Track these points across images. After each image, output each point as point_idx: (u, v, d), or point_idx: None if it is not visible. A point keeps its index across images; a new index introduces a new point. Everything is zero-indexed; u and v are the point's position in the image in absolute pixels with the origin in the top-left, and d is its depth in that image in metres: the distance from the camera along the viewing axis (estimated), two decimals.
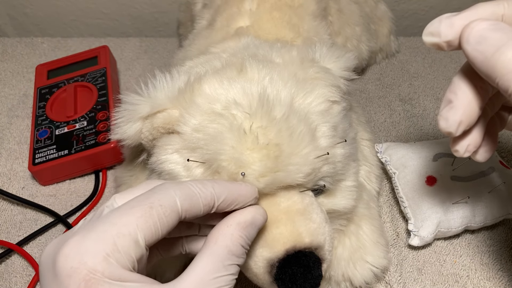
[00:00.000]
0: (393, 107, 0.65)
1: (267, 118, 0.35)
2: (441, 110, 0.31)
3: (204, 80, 0.38)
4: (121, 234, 0.27)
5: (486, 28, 0.28)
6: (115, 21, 0.84)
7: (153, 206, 0.28)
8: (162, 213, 0.28)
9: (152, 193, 0.29)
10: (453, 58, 0.72)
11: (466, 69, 0.31)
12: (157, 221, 0.28)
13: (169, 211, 0.28)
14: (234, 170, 0.34)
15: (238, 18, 0.51)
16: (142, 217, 0.27)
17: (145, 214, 0.28)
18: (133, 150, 0.43)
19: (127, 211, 0.28)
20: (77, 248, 0.26)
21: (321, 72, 0.39)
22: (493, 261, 0.47)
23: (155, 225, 0.28)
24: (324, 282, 0.43)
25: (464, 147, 0.33)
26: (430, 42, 0.32)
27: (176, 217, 0.29)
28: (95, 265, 0.25)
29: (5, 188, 0.57)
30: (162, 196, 0.29)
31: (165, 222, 0.28)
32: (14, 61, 0.74)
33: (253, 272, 0.36)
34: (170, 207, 0.29)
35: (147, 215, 0.28)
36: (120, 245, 0.26)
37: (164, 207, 0.28)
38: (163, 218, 0.28)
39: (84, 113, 0.59)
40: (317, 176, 0.36)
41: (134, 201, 0.29)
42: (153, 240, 0.28)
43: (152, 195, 0.29)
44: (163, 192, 0.29)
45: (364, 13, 0.65)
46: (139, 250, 0.27)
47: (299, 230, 0.35)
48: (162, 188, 0.30)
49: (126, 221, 0.27)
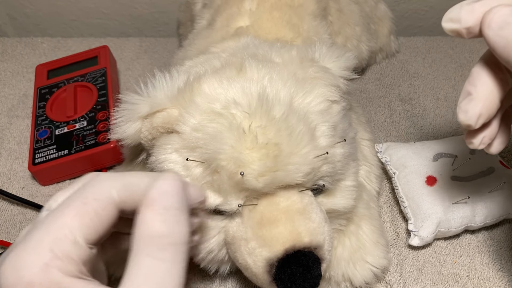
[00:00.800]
0: (393, 107, 0.65)
1: (267, 117, 0.35)
2: (460, 102, 0.31)
3: (203, 79, 0.38)
4: (57, 239, 0.25)
5: (509, 13, 0.28)
6: (115, 21, 0.84)
7: (87, 202, 0.26)
8: (98, 207, 0.26)
9: (87, 187, 0.27)
10: (453, 58, 0.72)
11: (486, 60, 0.30)
12: (93, 216, 0.26)
13: (105, 204, 0.27)
14: (233, 169, 0.34)
15: (238, 18, 0.51)
16: (77, 216, 0.26)
17: (79, 212, 0.26)
18: (132, 149, 0.43)
19: (61, 212, 0.26)
20: (14, 263, 0.24)
21: (320, 71, 0.39)
22: (493, 261, 0.47)
23: (93, 222, 0.26)
24: (324, 282, 0.43)
25: (479, 140, 0.32)
26: (450, 28, 0.31)
27: (114, 209, 0.27)
28: (32, 279, 0.24)
29: (5, 188, 0.56)
30: (97, 189, 0.27)
31: (103, 217, 0.27)
32: (14, 61, 0.74)
33: (252, 271, 0.36)
34: (106, 199, 0.27)
35: (82, 213, 0.26)
36: (58, 251, 0.25)
37: (99, 200, 0.27)
38: (100, 213, 0.26)
39: (84, 113, 0.59)
40: (316, 176, 0.36)
41: (68, 200, 0.27)
42: (95, 237, 0.26)
43: (87, 189, 0.27)
44: (98, 185, 0.27)
45: (364, 13, 0.65)
46: (82, 251, 0.26)
47: (298, 230, 0.35)
48: (98, 180, 0.28)
49: (60, 223, 0.25)
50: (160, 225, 0.26)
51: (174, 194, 0.27)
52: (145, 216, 0.26)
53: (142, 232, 0.26)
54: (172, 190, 0.27)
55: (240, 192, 0.35)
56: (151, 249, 0.25)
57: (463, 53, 0.73)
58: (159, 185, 0.27)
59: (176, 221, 0.27)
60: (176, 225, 0.27)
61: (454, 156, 0.49)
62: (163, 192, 0.27)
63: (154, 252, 0.25)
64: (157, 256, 0.25)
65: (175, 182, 0.28)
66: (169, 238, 0.26)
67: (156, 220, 0.26)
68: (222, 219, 0.38)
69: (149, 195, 0.27)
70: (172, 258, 0.26)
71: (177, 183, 0.28)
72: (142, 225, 0.26)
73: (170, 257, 0.26)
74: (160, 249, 0.26)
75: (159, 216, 0.26)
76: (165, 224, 0.26)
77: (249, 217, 0.36)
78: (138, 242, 0.26)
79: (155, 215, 0.26)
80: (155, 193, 0.27)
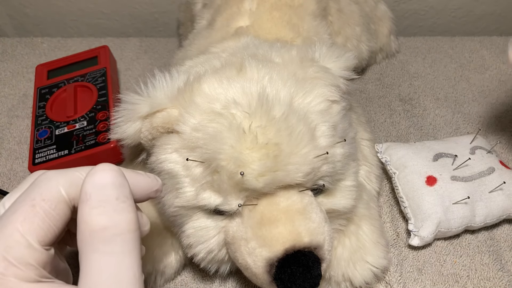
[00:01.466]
0: (393, 107, 0.65)
1: (267, 117, 0.35)
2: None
3: (203, 79, 0.38)
4: (9, 247, 0.24)
5: None
6: (115, 21, 0.84)
7: (35, 203, 0.25)
8: (47, 207, 0.25)
9: (34, 187, 0.26)
10: (453, 58, 0.72)
11: None
12: (44, 217, 0.25)
13: (55, 204, 0.26)
14: (233, 169, 0.34)
15: (238, 17, 0.51)
16: (26, 220, 0.25)
17: (28, 215, 0.25)
18: (132, 149, 0.43)
19: (9, 218, 0.25)
20: None
21: (320, 71, 0.39)
22: (493, 261, 0.47)
23: (45, 223, 0.25)
24: (324, 282, 0.43)
25: None
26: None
27: (65, 207, 0.26)
28: None
29: (5, 188, 0.56)
30: (44, 189, 0.26)
31: (55, 216, 0.26)
32: (14, 61, 0.74)
33: (252, 271, 0.36)
34: (55, 198, 0.26)
35: (31, 216, 0.25)
36: (12, 258, 0.24)
37: (48, 200, 0.26)
38: (51, 213, 0.25)
39: (84, 113, 0.59)
40: (316, 176, 0.36)
41: (16, 203, 0.26)
42: (50, 238, 0.25)
43: (33, 190, 0.26)
44: (44, 184, 0.26)
45: (364, 13, 0.65)
46: (38, 254, 0.25)
47: (298, 230, 0.35)
48: (44, 179, 0.27)
49: (10, 230, 0.24)
50: (99, 219, 0.25)
51: (109, 184, 0.26)
52: (82, 211, 0.25)
53: (83, 229, 0.25)
54: (105, 181, 0.26)
55: (240, 192, 0.35)
56: (96, 244, 0.24)
57: (463, 53, 0.73)
58: (91, 178, 0.26)
59: (117, 210, 0.25)
60: (118, 215, 0.25)
61: (454, 156, 0.49)
62: (96, 184, 0.25)
63: (100, 246, 0.24)
64: (104, 250, 0.24)
65: (109, 172, 0.26)
66: (112, 229, 0.25)
67: (94, 214, 0.25)
68: (222, 219, 0.38)
69: (82, 190, 0.25)
70: (121, 249, 0.25)
71: (111, 172, 0.26)
72: (82, 222, 0.25)
73: (119, 248, 0.24)
74: (105, 243, 0.24)
75: (96, 209, 0.25)
76: (104, 216, 0.25)
77: (249, 217, 0.36)
78: (82, 239, 0.25)
79: (92, 208, 0.25)
80: (88, 187, 0.25)
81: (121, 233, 0.25)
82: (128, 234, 0.25)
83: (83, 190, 0.25)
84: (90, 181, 0.26)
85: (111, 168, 0.26)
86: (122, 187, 0.26)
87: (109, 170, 0.26)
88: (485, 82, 0.68)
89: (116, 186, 0.26)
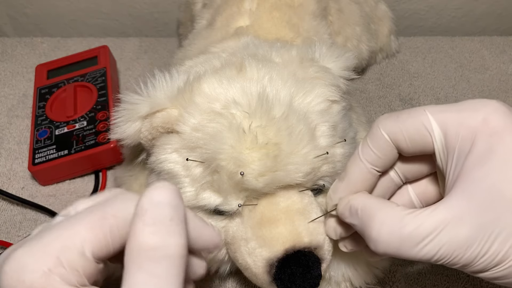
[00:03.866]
0: (393, 107, 0.65)
1: (267, 117, 0.34)
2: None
3: (203, 79, 0.37)
4: (66, 247, 0.24)
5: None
6: (115, 21, 0.84)
7: (106, 217, 0.25)
8: (115, 225, 0.26)
9: (110, 203, 0.27)
10: (453, 58, 0.72)
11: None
12: (108, 233, 0.25)
13: (122, 224, 0.26)
14: (233, 169, 0.34)
15: (238, 17, 0.51)
16: (92, 229, 0.25)
17: (95, 225, 0.25)
18: (132, 149, 0.43)
19: (78, 221, 0.25)
20: (17, 264, 0.24)
21: (320, 71, 0.39)
22: None
23: (106, 238, 0.25)
24: (324, 282, 0.43)
25: None
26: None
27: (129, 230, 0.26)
28: (32, 283, 0.23)
29: (5, 188, 0.56)
30: (119, 207, 0.26)
31: (117, 235, 0.26)
32: (14, 61, 0.74)
33: (252, 272, 0.36)
34: (125, 219, 0.26)
35: (98, 226, 0.25)
36: (64, 259, 0.24)
37: (118, 218, 0.26)
38: (115, 231, 0.26)
39: (84, 113, 0.59)
40: (316, 176, 0.36)
41: (88, 210, 0.26)
42: (104, 253, 0.26)
43: (109, 205, 0.26)
44: (121, 203, 0.26)
45: (364, 13, 0.65)
46: (87, 264, 0.25)
47: (298, 230, 0.35)
48: (121, 198, 0.27)
49: (73, 232, 0.25)
50: (150, 237, 0.24)
51: (166, 204, 0.25)
52: (135, 226, 0.24)
53: (133, 244, 0.24)
54: (163, 200, 0.25)
55: (240, 192, 0.35)
56: (143, 262, 0.24)
57: (463, 53, 0.73)
58: (150, 194, 0.25)
59: (170, 232, 0.25)
60: (170, 237, 0.24)
61: None
62: (153, 201, 0.25)
63: (146, 265, 0.24)
64: (149, 270, 0.24)
65: (168, 191, 0.26)
66: (162, 251, 0.24)
67: (146, 232, 0.24)
68: (222, 219, 0.38)
69: (139, 204, 0.25)
70: (165, 272, 0.24)
71: (170, 192, 0.26)
72: (133, 237, 0.24)
73: (164, 271, 0.24)
74: (153, 263, 0.24)
75: (149, 227, 0.24)
76: (156, 236, 0.24)
77: (249, 217, 0.36)
78: (130, 254, 0.24)
79: (145, 225, 0.24)
80: (145, 202, 0.25)
81: (169, 256, 0.24)
82: (176, 259, 0.25)
83: (140, 205, 0.25)
84: (148, 197, 0.25)
85: (171, 187, 0.26)
86: (178, 209, 0.26)
87: (169, 189, 0.26)
88: (485, 82, 0.68)
89: (172, 206, 0.25)
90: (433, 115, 0.30)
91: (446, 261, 0.28)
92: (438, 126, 0.30)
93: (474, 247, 0.27)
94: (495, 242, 0.27)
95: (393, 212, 0.29)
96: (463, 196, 0.28)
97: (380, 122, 0.32)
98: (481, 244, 0.27)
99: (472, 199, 0.27)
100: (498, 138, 0.28)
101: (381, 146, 0.32)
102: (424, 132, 0.30)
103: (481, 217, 0.27)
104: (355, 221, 0.32)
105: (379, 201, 0.32)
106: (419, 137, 0.30)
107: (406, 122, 0.31)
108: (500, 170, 0.27)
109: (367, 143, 0.32)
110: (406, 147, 0.31)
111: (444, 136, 0.30)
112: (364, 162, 0.33)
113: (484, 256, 0.27)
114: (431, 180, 0.35)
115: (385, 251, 0.29)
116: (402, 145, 0.31)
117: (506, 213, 0.27)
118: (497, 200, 0.27)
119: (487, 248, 0.27)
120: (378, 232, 0.29)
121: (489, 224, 0.27)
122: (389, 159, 0.33)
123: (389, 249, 0.29)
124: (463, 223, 0.27)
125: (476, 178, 0.28)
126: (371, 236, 0.30)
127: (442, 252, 0.28)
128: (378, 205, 0.31)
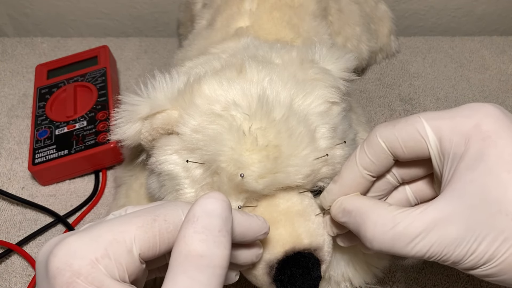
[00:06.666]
0: (393, 107, 0.65)
1: (267, 119, 0.34)
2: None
3: (203, 81, 0.37)
4: (115, 241, 0.25)
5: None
6: (115, 21, 0.83)
7: (157, 219, 0.27)
8: (164, 227, 0.27)
9: (160, 207, 0.28)
10: (453, 58, 0.72)
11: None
12: (157, 234, 0.27)
13: (172, 228, 0.27)
14: (233, 171, 0.34)
15: (238, 18, 0.51)
16: (142, 227, 0.26)
17: (146, 224, 0.26)
18: (132, 150, 0.43)
19: (129, 219, 0.27)
20: (67, 249, 0.25)
21: (320, 73, 0.39)
22: None
23: (154, 239, 0.26)
24: (324, 282, 0.43)
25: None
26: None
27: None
28: (80, 269, 0.24)
29: (5, 188, 0.57)
30: (169, 212, 0.28)
31: (165, 238, 0.27)
32: (14, 61, 0.74)
33: (252, 273, 0.36)
34: (174, 223, 0.27)
35: (148, 226, 0.26)
36: (111, 251, 0.25)
37: (168, 222, 0.27)
38: (164, 234, 0.27)
39: (84, 113, 0.59)
40: (316, 178, 0.36)
41: (140, 211, 0.28)
42: (149, 254, 0.27)
43: (160, 209, 0.28)
44: (171, 208, 0.28)
45: (364, 13, 0.65)
46: (132, 261, 0.26)
47: (298, 231, 0.35)
48: (172, 204, 0.29)
49: (124, 228, 0.26)
50: (199, 245, 0.25)
51: (217, 215, 0.26)
52: (186, 232, 0.26)
53: (181, 248, 0.25)
54: (215, 210, 0.26)
55: (240, 193, 0.35)
56: (188, 267, 0.25)
57: (463, 53, 0.73)
58: (203, 202, 0.26)
59: (217, 243, 0.26)
60: (216, 247, 0.25)
61: None
62: (205, 210, 0.26)
63: (190, 271, 0.25)
64: (192, 276, 0.25)
65: (220, 203, 0.27)
66: (207, 260, 0.25)
67: (196, 239, 0.25)
68: None
69: (191, 210, 0.26)
70: (208, 281, 0.25)
71: (221, 203, 0.27)
72: (182, 241, 0.25)
73: (206, 279, 0.25)
74: (197, 269, 0.25)
75: (199, 235, 0.25)
76: (204, 245, 0.25)
77: None
78: (176, 258, 0.25)
79: (195, 233, 0.25)
80: (197, 210, 0.26)
81: (213, 266, 0.25)
82: (219, 270, 0.25)
83: (192, 211, 0.26)
84: (201, 204, 0.26)
85: (223, 199, 0.27)
86: (227, 221, 0.27)
87: (221, 201, 0.27)
88: (485, 82, 0.68)
89: (222, 218, 0.26)
90: (427, 122, 0.31)
91: (437, 258, 0.29)
92: (432, 132, 0.31)
93: (463, 246, 0.28)
94: (483, 242, 0.28)
95: (385, 212, 0.31)
96: (453, 197, 0.29)
97: (378, 130, 0.33)
98: (469, 243, 0.28)
99: (462, 201, 0.28)
100: (490, 142, 0.29)
101: (377, 153, 0.33)
102: (419, 139, 0.31)
103: (470, 218, 0.28)
104: (349, 222, 0.33)
105: (371, 202, 0.33)
106: (415, 144, 0.31)
107: (402, 131, 0.32)
108: (490, 173, 0.28)
109: (364, 149, 0.33)
110: (403, 153, 0.32)
111: (439, 142, 0.31)
112: (359, 167, 0.34)
113: (473, 254, 0.28)
114: (428, 179, 0.36)
115: (380, 249, 0.30)
116: (399, 152, 0.32)
117: (494, 215, 0.27)
118: (485, 202, 0.28)
119: (475, 248, 0.28)
120: (372, 232, 0.30)
121: (478, 225, 0.28)
122: (384, 166, 0.34)
123: (384, 247, 0.30)
124: (452, 223, 0.28)
125: (467, 180, 0.28)
126: (366, 237, 0.31)
127: (433, 250, 0.29)
128: (370, 206, 0.32)
